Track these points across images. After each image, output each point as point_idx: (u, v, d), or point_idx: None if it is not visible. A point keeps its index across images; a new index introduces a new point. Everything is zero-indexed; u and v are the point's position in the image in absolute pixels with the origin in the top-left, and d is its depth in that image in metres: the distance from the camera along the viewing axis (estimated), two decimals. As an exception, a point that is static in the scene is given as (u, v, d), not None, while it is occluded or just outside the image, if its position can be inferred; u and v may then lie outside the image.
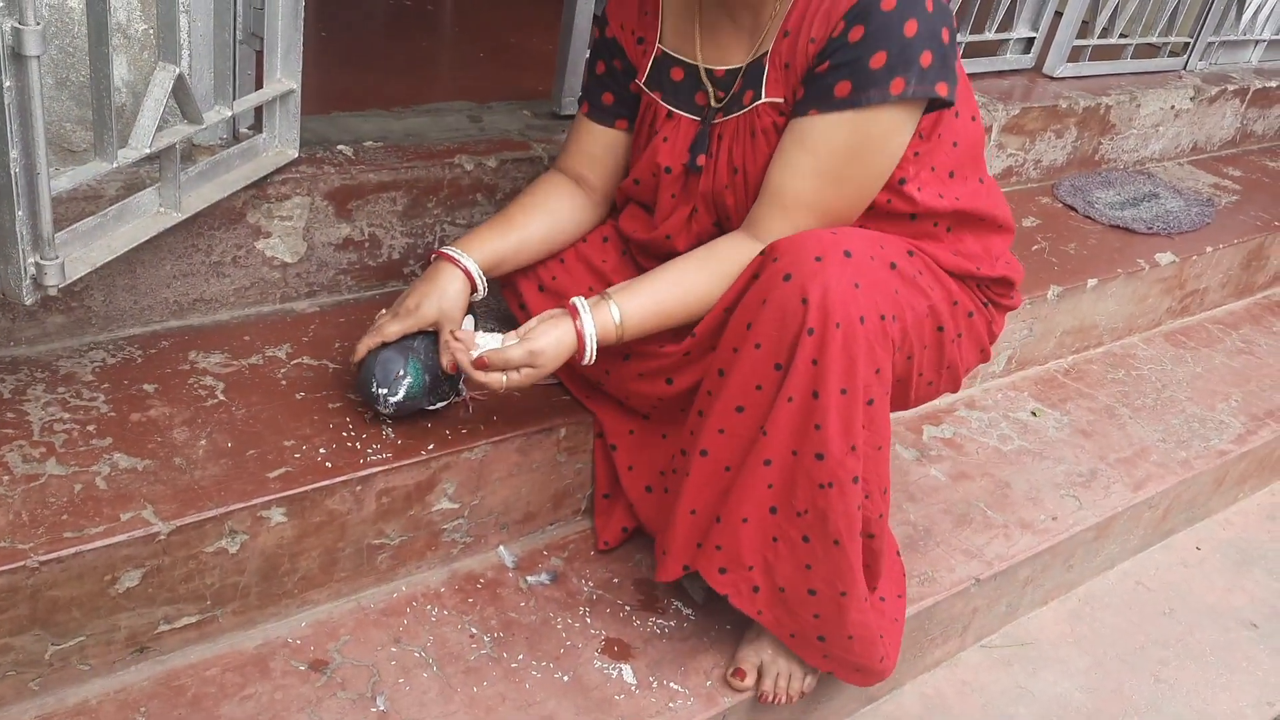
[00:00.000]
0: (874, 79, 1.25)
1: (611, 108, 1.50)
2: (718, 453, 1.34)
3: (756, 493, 1.31)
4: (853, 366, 1.24)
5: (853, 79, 1.25)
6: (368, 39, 2.26)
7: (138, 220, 1.29)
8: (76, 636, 1.21)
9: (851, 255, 1.25)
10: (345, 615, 1.41)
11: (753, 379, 1.29)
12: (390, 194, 1.63)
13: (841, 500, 1.28)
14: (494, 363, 1.29)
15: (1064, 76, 2.79)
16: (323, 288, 1.65)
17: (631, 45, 1.47)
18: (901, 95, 1.25)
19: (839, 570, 1.32)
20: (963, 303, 1.43)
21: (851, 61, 1.25)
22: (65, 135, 1.37)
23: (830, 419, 1.25)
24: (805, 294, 1.22)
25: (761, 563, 1.35)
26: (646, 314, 1.34)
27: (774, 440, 1.28)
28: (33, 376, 1.37)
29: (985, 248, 1.47)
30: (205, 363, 1.47)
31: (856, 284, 1.24)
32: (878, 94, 1.25)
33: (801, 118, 1.30)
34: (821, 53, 1.27)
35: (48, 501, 1.20)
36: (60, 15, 1.30)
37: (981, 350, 1.52)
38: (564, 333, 1.31)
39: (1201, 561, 2.16)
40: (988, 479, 1.94)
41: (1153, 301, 2.51)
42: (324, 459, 1.35)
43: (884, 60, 1.24)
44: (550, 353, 1.30)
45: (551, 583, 1.52)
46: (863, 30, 1.24)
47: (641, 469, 1.53)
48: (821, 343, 1.23)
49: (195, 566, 1.26)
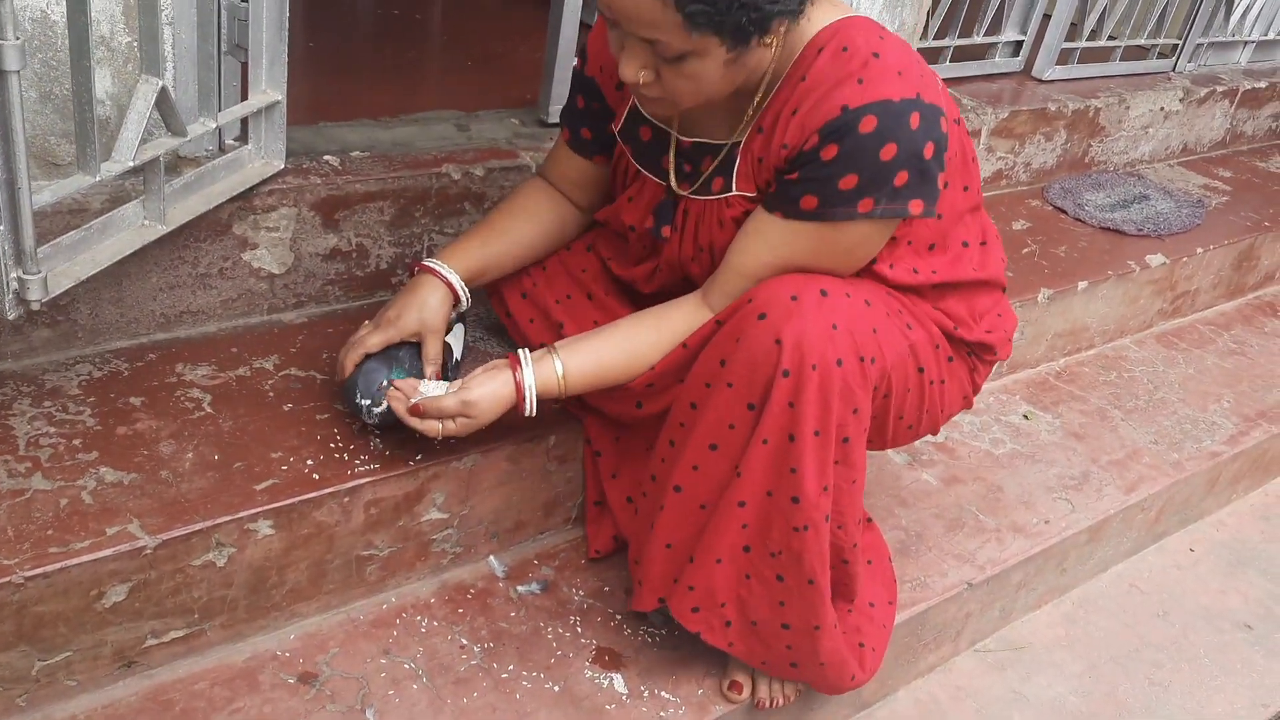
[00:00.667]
0: (842, 198, 1.20)
1: (590, 143, 1.48)
2: (692, 490, 1.32)
3: (730, 533, 1.30)
4: (828, 408, 1.22)
5: (820, 195, 1.21)
6: (355, 48, 2.26)
7: (122, 233, 1.29)
8: (63, 652, 1.20)
9: (828, 294, 1.22)
10: (334, 627, 1.40)
11: (726, 418, 1.26)
12: (377, 204, 1.63)
13: (816, 541, 1.28)
14: (429, 411, 1.29)
15: (1053, 79, 2.80)
16: (310, 298, 1.65)
17: (610, 89, 1.42)
18: (869, 214, 1.21)
19: (812, 606, 1.32)
20: (944, 347, 1.40)
21: (821, 179, 1.20)
22: (49, 149, 1.37)
23: (806, 462, 1.23)
24: (779, 335, 1.20)
25: (735, 599, 1.34)
26: (589, 371, 1.33)
27: (748, 481, 1.27)
28: (18, 391, 1.37)
29: (970, 309, 1.43)
30: (192, 375, 1.47)
31: (834, 325, 1.21)
32: (844, 212, 1.21)
33: (767, 214, 1.26)
34: (792, 161, 1.22)
35: (33, 516, 1.19)
36: (44, 29, 1.30)
37: (964, 397, 1.48)
38: (501, 384, 1.30)
39: (1195, 563, 2.16)
40: (980, 483, 1.94)
41: (1144, 303, 2.51)
42: (311, 470, 1.35)
43: (854, 183, 1.19)
44: (485, 404, 1.29)
45: (542, 592, 1.52)
46: (836, 150, 1.17)
47: (624, 478, 1.53)
48: (797, 385, 1.20)
49: (182, 580, 1.25)
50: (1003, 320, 1.49)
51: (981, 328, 1.44)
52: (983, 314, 1.45)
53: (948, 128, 1.23)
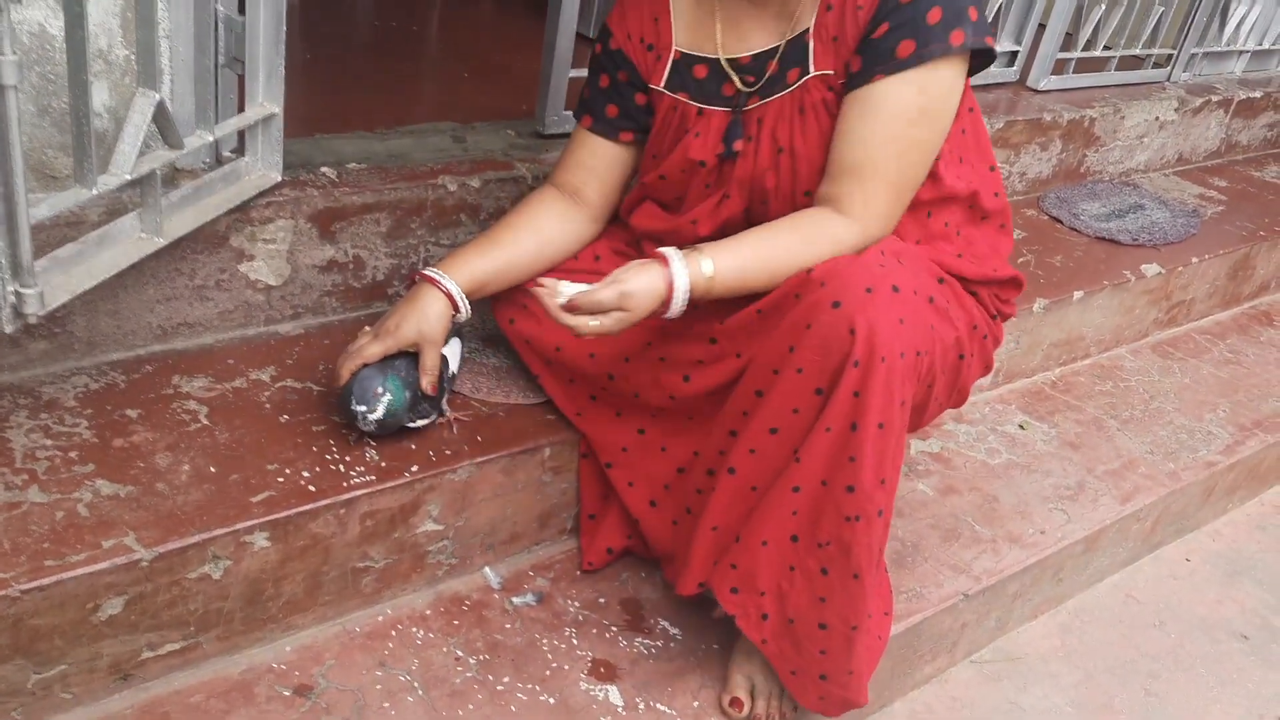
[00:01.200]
0: (934, 34, 1.27)
1: (616, 120, 1.50)
2: (746, 472, 1.34)
3: (780, 518, 1.31)
4: (891, 401, 1.25)
5: (915, 37, 1.28)
6: (352, 60, 2.27)
7: (119, 246, 1.29)
8: (59, 665, 1.20)
9: (899, 290, 1.25)
10: (330, 639, 1.41)
11: (791, 402, 1.29)
12: (374, 215, 1.64)
13: (867, 534, 1.28)
14: (584, 306, 1.25)
15: (1048, 89, 2.81)
16: (307, 310, 1.65)
17: (640, 54, 1.47)
18: (962, 46, 1.28)
19: (854, 604, 1.32)
20: (980, 325, 1.45)
21: (910, 21, 1.27)
22: (47, 162, 1.37)
23: (866, 452, 1.25)
24: (853, 325, 1.22)
25: (775, 590, 1.35)
26: (736, 271, 1.30)
27: (806, 468, 1.28)
28: (15, 403, 1.37)
29: (993, 248, 1.50)
30: (189, 387, 1.47)
31: (901, 320, 1.24)
32: (940, 47, 1.28)
33: (865, 85, 1.31)
34: (875, 17, 1.29)
35: (29, 529, 1.20)
36: (42, 43, 1.30)
37: (986, 365, 1.53)
38: (655, 278, 1.27)
39: (1191, 573, 2.16)
40: (976, 493, 1.94)
41: (1140, 313, 2.52)
42: (307, 482, 1.35)
43: (940, 15, 1.27)
44: (641, 296, 1.26)
45: (537, 603, 1.52)
46: None
47: (642, 484, 1.53)
48: (865, 375, 1.23)
49: (179, 593, 1.26)
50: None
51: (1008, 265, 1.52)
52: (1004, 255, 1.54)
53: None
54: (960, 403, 1.53)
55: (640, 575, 1.59)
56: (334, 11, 2.58)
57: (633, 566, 1.60)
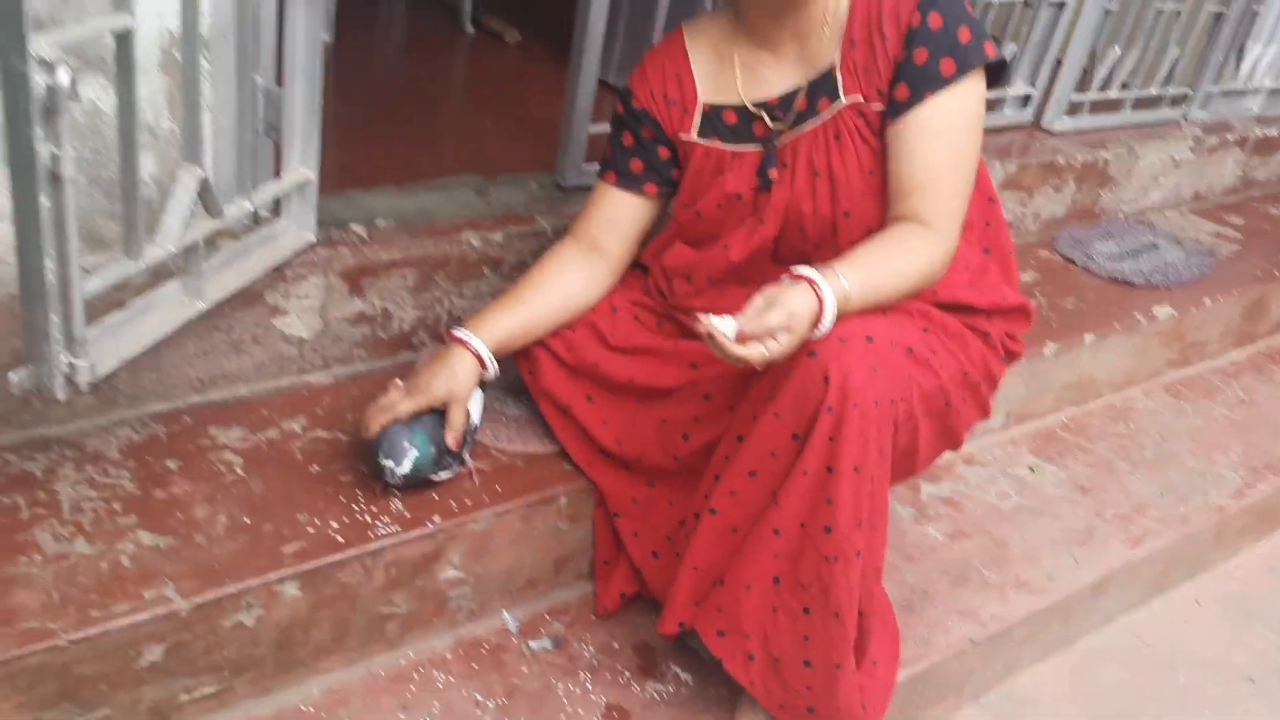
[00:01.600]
0: (970, 50, 1.42)
1: (641, 174, 1.59)
2: (727, 514, 1.41)
3: (762, 561, 1.37)
4: (865, 446, 1.31)
5: (953, 55, 1.41)
6: (381, 111, 2.35)
7: (163, 312, 1.37)
8: (102, 709, 1.28)
9: (873, 340, 1.32)
10: (356, 683, 1.47)
11: (769, 445, 1.36)
12: (401, 271, 1.71)
13: (845, 574, 1.34)
14: (755, 332, 1.25)
15: (1062, 131, 2.85)
16: (337, 360, 1.73)
17: (664, 110, 1.56)
18: (994, 57, 1.44)
19: (835, 643, 1.38)
20: (971, 373, 1.50)
21: (946, 42, 1.41)
22: (96, 228, 1.45)
23: (842, 493, 1.31)
24: (827, 372, 1.29)
25: (759, 631, 1.40)
26: (866, 286, 1.35)
27: (785, 510, 1.35)
28: (62, 455, 1.45)
29: (1002, 276, 1.59)
30: (225, 438, 1.55)
31: (874, 368, 1.31)
32: (978, 57, 1.42)
33: (918, 107, 1.42)
34: (908, 44, 1.42)
35: (76, 580, 1.27)
36: (94, 118, 1.38)
37: (983, 410, 1.58)
38: (808, 295, 1.29)
39: (1202, 615, 2.19)
40: (985, 537, 1.98)
41: (1152, 354, 2.55)
42: (336, 533, 1.42)
43: (969, 34, 1.42)
44: (803, 314, 1.28)
45: (554, 648, 1.58)
46: (940, 16, 1.41)
47: (647, 535, 1.59)
48: (840, 421, 1.29)
49: (214, 640, 1.33)
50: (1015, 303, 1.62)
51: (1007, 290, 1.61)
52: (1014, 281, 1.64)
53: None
54: (955, 446, 1.57)
55: (652, 620, 1.64)
56: (364, 62, 2.67)
57: (646, 612, 1.65)
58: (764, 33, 1.49)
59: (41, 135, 1.05)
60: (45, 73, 1.02)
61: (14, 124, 1.04)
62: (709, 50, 1.55)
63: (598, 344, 1.62)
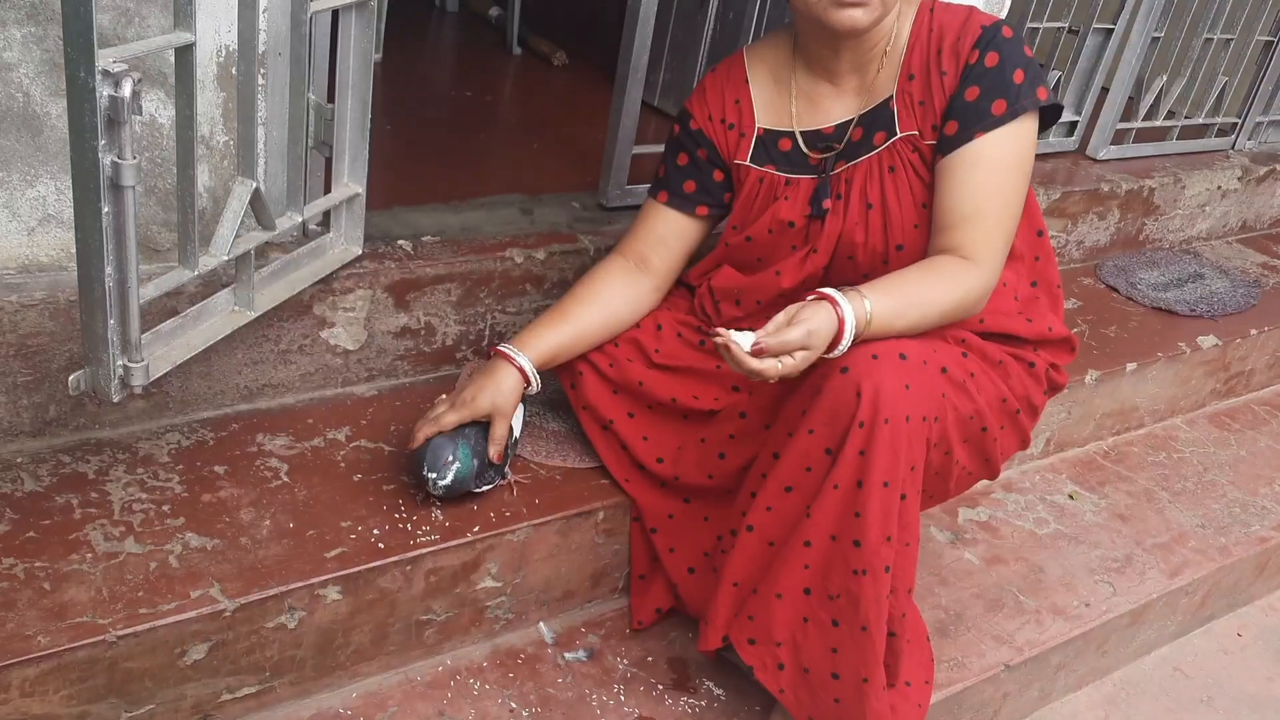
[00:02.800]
0: (1023, 91, 1.42)
1: (693, 195, 1.61)
2: (764, 529, 1.42)
3: (794, 571, 1.39)
4: (895, 461, 1.32)
5: (1006, 96, 1.42)
6: (429, 131, 2.39)
7: (214, 319, 1.41)
8: (147, 704, 1.31)
9: (906, 358, 1.33)
10: (393, 687, 1.50)
11: (804, 461, 1.38)
12: (445, 286, 1.75)
13: (873, 587, 1.35)
14: (773, 348, 1.28)
15: (1107, 159, 2.84)
16: (381, 373, 1.76)
17: (721, 134, 1.58)
18: (1046, 100, 1.44)
19: (864, 656, 1.38)
20: (1010, 400, 1.50)
21: (1000, 82, 1.42)
22: (151, 237, 1.50)
23: (871, 508, 1.33)
24: (859, 388, 1.31)
25: (790, 640, 1.42)
26: (889, 311, 1.37)
27: (816, 523, 1.36)
28: (114, 458, 1.49)
29: (1050, 307, 1.60)
30: (271, 445, 1.58)
31: (907, 385, 1.32)
32: (1030, 102, 1.43)
33: (967, 145, 1.43)
34: (963, 81, 1.43)
35: (125, 579, 1.31)
36: (152, 130, 1.43)
37: (1022, 440, 1.59)
38: (828, 315, 1.32)
39: (1243, 649, 2.15)
40: (1022, 563, 1.97)
41: (1195, 383, 2.53)
42: (377, 540, 1.45)
43: (1023, 76, 1.42)
44: (823, 333, 1.31)
45: (588, 659, 1.59)
46: (998, 56, 1.42)
47: (683, 551, 1.61)
48: (870, 435, 1.31)
49: (257, 641, 1.36)
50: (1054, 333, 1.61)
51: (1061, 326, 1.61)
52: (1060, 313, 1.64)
53: None
54: (992, 475, 1.57)
55: (688, 635, 1.66)
56: (414, 81, 2.72)
57: (680, 626, 1.66)
58: (823, 63, 1.51)
59: (104, 145, 1.09)
60: (110, 85, 1.07)
61: (79, 134, 1.09)
62: (768, 76, 1.57)
63: (641, 361, 1.64)
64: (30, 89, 1.33)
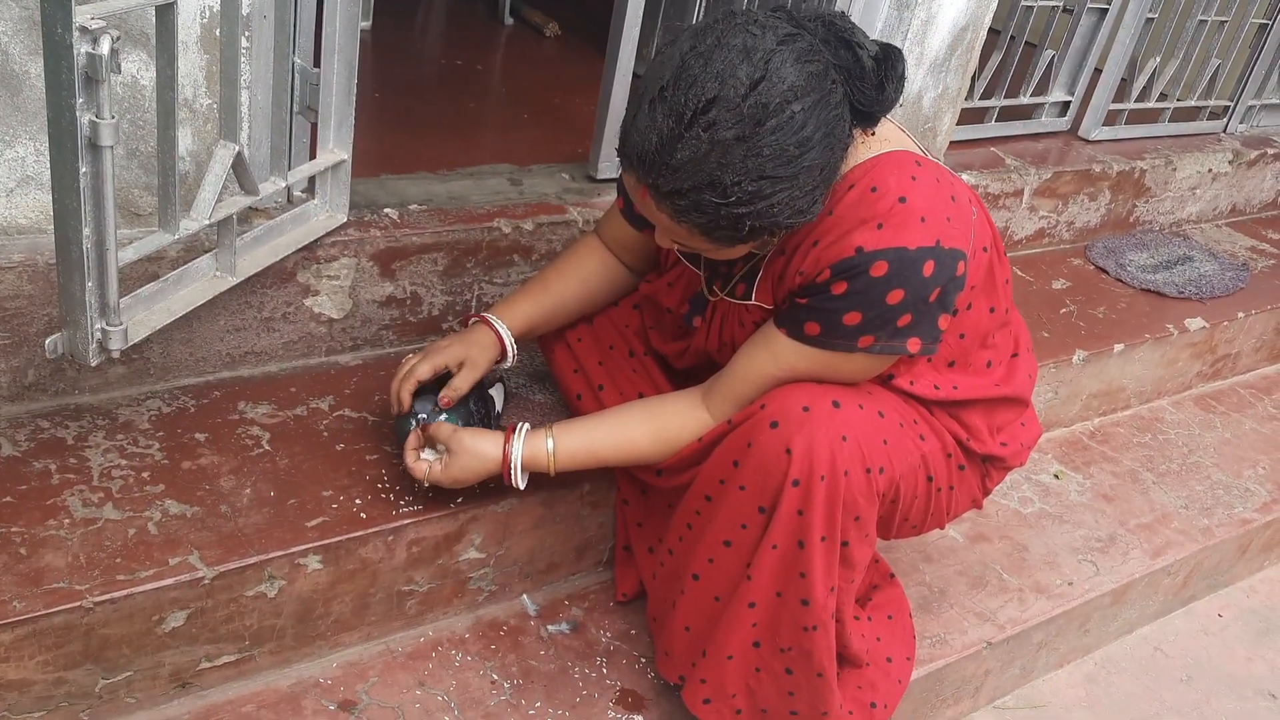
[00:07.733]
0: (844, 332, 1.26)
1: (642, 218, 1.51)
2: (708, 581, 1.39)
3: (741, 631, 1.36)
4: (834, 516, 1.28)
5: (823, 325, 1.27)
6: (418, 100, 2.37)
7: (195, 284, 1.39)
8: (125, 671, 1.30)
9: (840, 405, 1.28)
10: (374, 658, 1.49)
11: (739, 518, 1.33)
12: (432, 255, 1.73)
13: (825, 638, 1.35)
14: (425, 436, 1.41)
15: (1099, 139, 2.83)
16: (366, 342, 1.74)
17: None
18: (869, 349, 1.28)
19: (821, 695, 1.39)
20: (956, 455, 1.44)
21: (827, 310, 1.26)
22: (132, 200, 1.48)
23: (815, 566, 1.29)
24: (790, 444, 1.26)
25: (745, 690, 1.41)
26: (579, 455, 1.41)
27: (758, 584, 1.33)
28: (94, 424, 1.47)
29: (990, 422, 1.47)
30: (253, 413, 1.57)
31: (844, 436, 1.27)
32: (844, 344, 1.28)
33: (775, 329, 1.33)
34: (805, 287, 1.28)
35: (103, 545, 1.29)
36: (133, 92, 1.41)
37: (973, 500, 1.52)
38: (490, 445, 1.38)
39: (1223, 629, 2.17)
40: (1006, 541, 1.98)
41: (1182, 365, 2.53)
42: (359, 510, 1.43)
43: (858, 320, 1.25)
44: (465, 458, 1.37)
45: (571, 632, 1.59)
46: (845, 287, 1.23)
47: (649, 528, 1.60)
48: (807, 494, 1.26)
49: (236, 609, 1.35)
50: (1025, 430, 1.52)
51: (997, 441, 1.47)
52: (1002, 426, 1.49)
53: (966, 269, 1.27)
54: (940, 526, 1.51)
55: (670, 609, 1.66)
56: (403, 50, 2.69)
57: (664, 600, 1.66)
58: None
59: (82, 103, 1.07)
60: (88, 41, 1.04)
61: (56, 92, 1.06)
62: None
63: (614, 332, 1.63)
64: (8, 47, 1.31)
